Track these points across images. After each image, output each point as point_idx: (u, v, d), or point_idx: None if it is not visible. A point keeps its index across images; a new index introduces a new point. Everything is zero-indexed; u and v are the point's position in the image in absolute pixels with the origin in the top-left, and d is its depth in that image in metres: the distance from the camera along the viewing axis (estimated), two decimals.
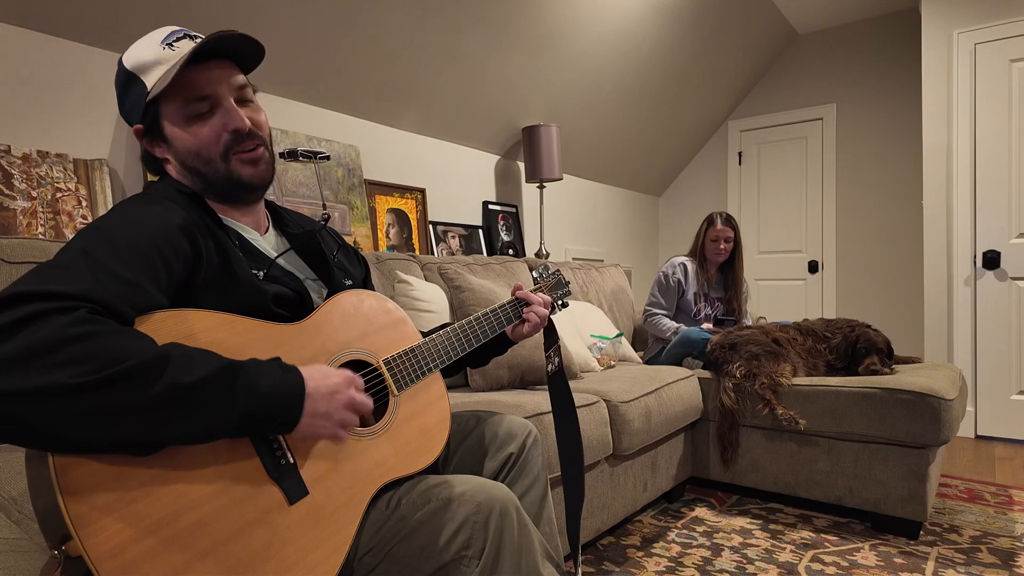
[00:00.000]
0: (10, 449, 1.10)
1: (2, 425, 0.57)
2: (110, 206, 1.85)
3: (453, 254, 3.03)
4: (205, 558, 0.66)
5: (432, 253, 2.93)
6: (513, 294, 1.23)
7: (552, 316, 1.29)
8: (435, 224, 2.99)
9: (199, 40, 0.88)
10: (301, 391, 0.73)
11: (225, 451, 0.71)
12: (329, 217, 1.12)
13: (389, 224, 2.77)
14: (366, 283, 1.16)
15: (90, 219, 1.81)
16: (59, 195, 1.76)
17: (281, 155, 1.03)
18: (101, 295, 0.65)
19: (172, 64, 0.85)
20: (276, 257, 0.94)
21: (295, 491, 0.76)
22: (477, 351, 1.19)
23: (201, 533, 0.67)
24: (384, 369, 0.94)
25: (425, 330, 1.12)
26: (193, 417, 0.64)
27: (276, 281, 0.90)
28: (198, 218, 0.85)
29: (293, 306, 0.89)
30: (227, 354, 0.71)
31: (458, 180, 3.20)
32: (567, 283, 1.42)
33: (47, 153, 1.76)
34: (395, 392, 0.94)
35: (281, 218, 1.05)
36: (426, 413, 0.97)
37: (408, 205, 2.87)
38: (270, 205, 1.06)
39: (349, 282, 1.05)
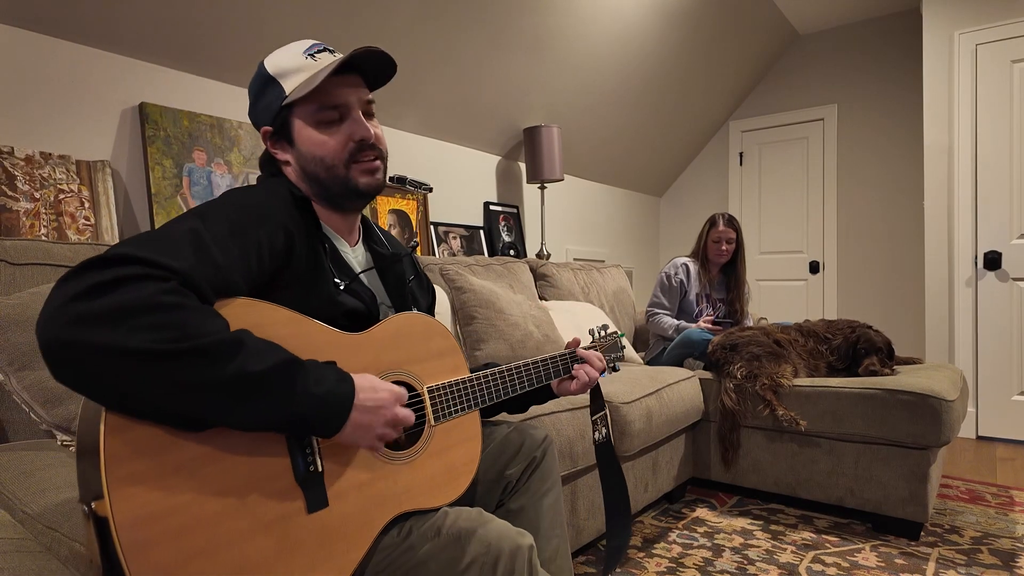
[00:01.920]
0: (12, 449, 1.11)
1: (79, 371, 0.61)
2: (113, 208, 1.86)
3: (454, 255, 3.04)
4: (217, 551, 0.67)
5: (433, 254, 2.93)
6: (568, 347, 1.23)
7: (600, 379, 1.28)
8: (436, 225, 2.99)
9: (337, 54, 0.96)
10: (350, 401, 0.77)
11: (260, 446, 0.74)
12: (417, 245, 1.17)
13: (390, 225, 2.77)
14: (430, 311, 1.19)
15: (92, 220, 1.82)
16: (62, 196, 1.76)
17: (390, 179, 1.07)
18: (194, 274, 0.69)
19: (313, 72, 0.92)
20: (359, 272, 0.99)
21: (316, 501, 0.77)
22: (516, 400, 1.20)
23: (221, 524, 0.68)
24: (427, 397, 0.95)
25: None
26: (249, 404, 0.68)
27: (354, 295, 0.94)
28: (300, 221, 0.90)
29: (360, 321, 0.93)
30: (288, 350, 0.75)
31: (459, 181, 3.20)
32: (623, 347, 1.39)
33: (50, 155, 1.76)
34: (431, 423, 0.95)
35: (371, 233, 1.10)
36: (456, 451, 0.97)
37: (409, 206, 2.88)
38: (363, 219, 1.10)
39: (414, 309, 1.09)
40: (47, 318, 0.60)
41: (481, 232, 3.24)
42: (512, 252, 3.34)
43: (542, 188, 3.34)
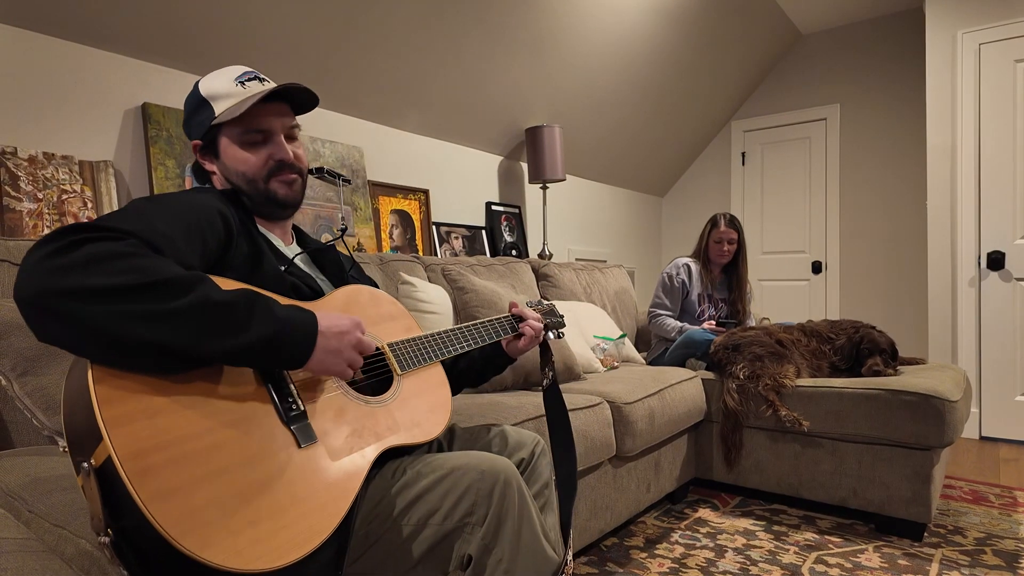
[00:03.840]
0: (17, 454, 1.11)
1: (59, 320, 0.65)
2: (115, 208, 1.86)
3: (456, 255, 3.04)
4: (221, 475, 0.69)
5: (435, 254, 2.94)
6: (509, 311, 1.31)
7: (547, 339, 1.38)
8: (438, 225, 2.99)
9: (267, 82, 1.06)
10: (314, 326, 0.80)
11: (244, 391, 0.77)
12: (346, 229, 1.23)
13: (392, 225, 2.77)
14: None
15: None
16: (65, 197, 1.77)
17: (310, 171, 1.15)
18: (147, 236, 0.75)
19: (241, 100, 1.01)
20: (294, 257, 1.05)
21: (305, 436, 0.80)
22: (476, 370, 1.29)
23: (217, 455, 0.70)
24: (388, 350, 1.01)
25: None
26: (217, 331, 0.71)
27: (296, 278, 0.99)
28: (234, 212, 0.97)
29: (305, 299, 0.98)
30: None
31: (461, 181, 3.20)
32: (561, 316, 1.48)
33: (53, 155, 1.77)
34: (398, 372, 1.00)
35: (304, 238, 1.19)
36: (428, 395, 1.03)
37: (411, 206, 2.88)
38: (295, 227, 1.19)
39: None
40: (24, 277, 0.65)
41: (483, 232, 3.24)
42: (514, 252, 3.34)
43: (544, 188, 3.34)
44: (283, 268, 0.98)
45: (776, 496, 2.39)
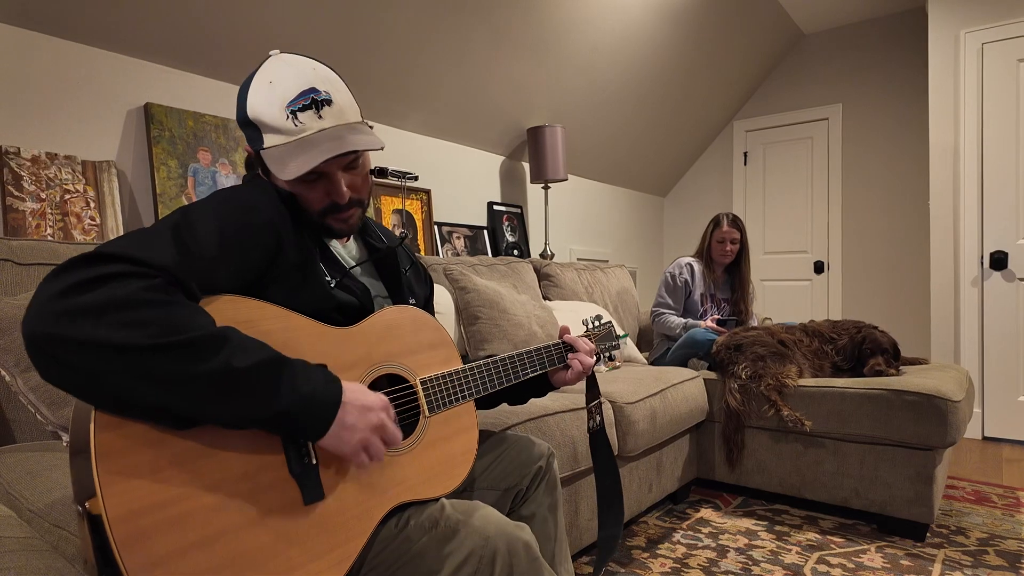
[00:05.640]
0: (19, 450, 1.11)
1: (63, 366, 0.61)
2: (118, 207, 1.86)
3: (458, 255, 3.04)
4: (214, 543, 0.67)
5: (437, 254, 2.94)
6: (560, 337, 1.20)
7: (596, 368, 1.26)
8: (440, 225, 2.99)
9: (325, 107, 0.90)
10: (337, 401, 0.75)
11: (254, 439, 0.74)
12: (407, 236, 1.15)
13: (394, 225, 2.77)
14: (428, 303, 1.19)
15: (98, 220, 1.82)
16: (67, 197, 1.77)
17: (371, 171, 1.05)
18: (179, 270, 0.70)
19: (294, 140, 0.88)
20: (351, 268, 0.98)
21: (312, 493, 0.76)
22: (516, 390, 1.20)
23: (215, 516, 0.68)
24: (420, 388, 0.95)
25: None
26: (234, 400, 0.67)
27: (346, 290, 0.94)
28: (288, 218, 0.89)
29: (355, 315, 0.93)
30: (274, 346, 0.74)
31: (463, 181, 3.20)
32: (618, 336, 1.36)
33: (56, 155, 1.77)
34: (426, 413, 0.94)
35: (366, 227, 1.10)
36: (453, 441, 0.97)
37: (413, 206, 2.88)
38: None
39: (412, 300, 1.09)
40: (33, 313, 0.61)
41: (485, 232, 3.24)
42: (516, 252, 3.34)
43: (546, 188, 3.34)
44: (333, 283, 0.92)
45: (778, 496, 2.39)
